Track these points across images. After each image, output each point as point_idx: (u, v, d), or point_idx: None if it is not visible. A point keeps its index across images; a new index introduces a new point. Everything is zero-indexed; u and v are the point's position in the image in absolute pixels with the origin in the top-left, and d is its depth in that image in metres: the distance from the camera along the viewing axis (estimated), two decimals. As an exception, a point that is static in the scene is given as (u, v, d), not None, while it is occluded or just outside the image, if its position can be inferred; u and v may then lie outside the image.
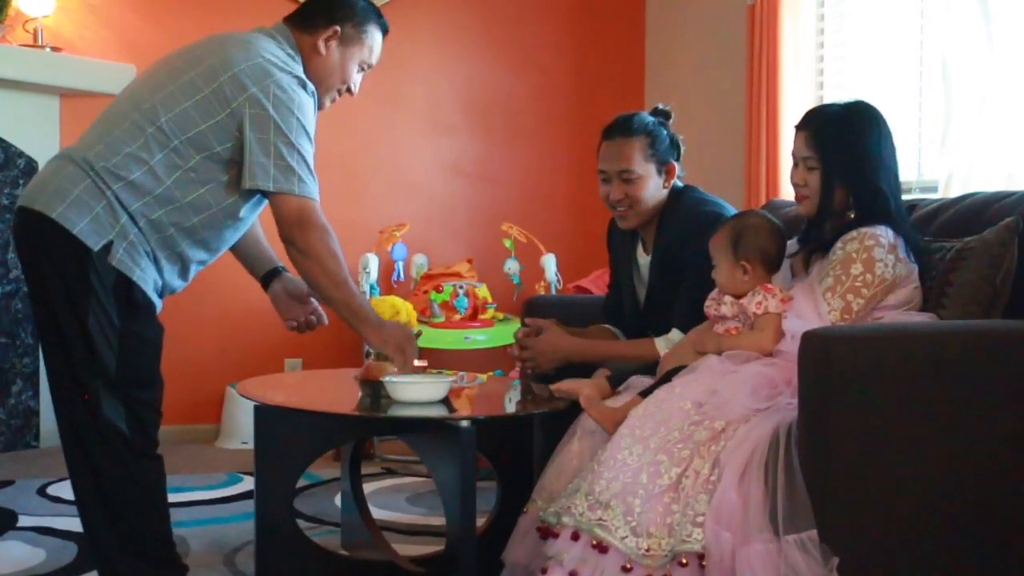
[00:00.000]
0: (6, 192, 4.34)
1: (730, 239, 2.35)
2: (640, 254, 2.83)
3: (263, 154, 2.29)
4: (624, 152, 2.67)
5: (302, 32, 2.48)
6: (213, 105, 2.30)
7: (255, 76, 2.31)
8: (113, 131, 2.32)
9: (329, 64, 2.50)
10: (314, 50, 2.48)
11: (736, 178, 4.44)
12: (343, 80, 2.54)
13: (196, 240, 2.37)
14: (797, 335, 2.10)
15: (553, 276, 4.65)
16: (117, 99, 2.43)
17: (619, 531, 2.03)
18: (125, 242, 2.27)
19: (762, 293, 2.28)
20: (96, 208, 2.25)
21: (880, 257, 2.23)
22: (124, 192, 2.27)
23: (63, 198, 2.25)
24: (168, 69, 2.38)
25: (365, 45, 2.54)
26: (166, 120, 2.29)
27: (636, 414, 2.17)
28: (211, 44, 2.41)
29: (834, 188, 2.31)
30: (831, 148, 2.32)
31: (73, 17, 4.47)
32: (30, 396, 4.42)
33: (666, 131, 2.73)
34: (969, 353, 2.08)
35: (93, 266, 2.24)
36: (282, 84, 2.33)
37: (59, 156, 2.37)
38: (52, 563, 2.91)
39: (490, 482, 2.80)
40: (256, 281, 2.74)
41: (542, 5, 5.29)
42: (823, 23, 4.30)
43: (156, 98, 2.32)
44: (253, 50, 2.36)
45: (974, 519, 2.05)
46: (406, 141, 5.01)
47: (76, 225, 2.23)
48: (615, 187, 2.69)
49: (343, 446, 3.02)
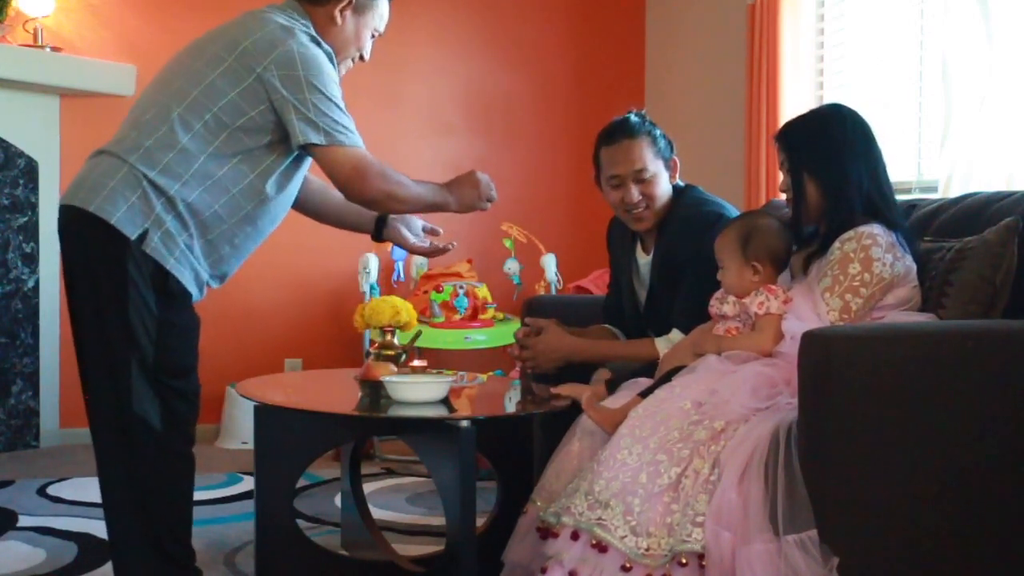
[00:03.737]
0: (6, 192, 4.34)
1: (739, 239, 2.34)
2: (640, 254, 2.82)
3: (306, 111, 2.31)
4: (634, 152, 2.66)
5: (315, 5, 2.50)
6: (239, 72, 2.32)
7: (275, 39, 2.33)
8: (142, 118, 2.34)
9: (346, 33, 2.52)
10: (330, 20, 2.49)
11: (736, 178, 4.44)
12: (358, 48, 2.57)
13: (242, 217, 2.38)
14: (797, 335, 2.10)
15: (553, 276, 4.65)
16: (144, 92, 2.45)
17: (618, 530, 2.03)
18: (160, 231, 2.28)
19: (764, 293, 2.28)
20: (132, 197, 2.27)
21: (878, 256, 2.23)
22: (161, 178, 2.29)
23: (100, 191, 2.27)
24: (191, 53, 2.41)
25: (376, 12, 2.57)
26: (196, 95, 2.31)
27: (636, 414, 2.17)
28: (227, 23, 2.45)
29: (804, 184, 2.34)
30: (796, 145, 2.37)
31: (73, 17, 4.47)
32: (30, 396, 4.42)
33: (658, 129, 2.74)
34: (969, 353, 2.08)
35: (131, 255, 2.25)
36: (303, 42, 2.36)
37: (96, 152, 2.39)
38: (52, 563, 2.91)
39: (490, 482, 2.80)
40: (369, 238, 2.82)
41: (542, 5, 5.29)
42: (823, 23, 4.30)
43: (182, 78, 2.35)
44: (267, 19, 2.39)
45: (974, 519, 2.05)
46: (406, 141, 5.01)
47: (113, 215, 2.25)
48: (631, 189, 2.66)
49: (343, 446, 3.01)
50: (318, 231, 2.86)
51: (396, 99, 4.99)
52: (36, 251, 4.42)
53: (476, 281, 4.65)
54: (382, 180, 2.38)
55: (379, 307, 2.71)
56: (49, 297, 4.43)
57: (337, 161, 2.35)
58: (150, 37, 4.56)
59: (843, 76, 4.22)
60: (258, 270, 3.14)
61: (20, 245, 4.39)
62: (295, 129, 2.31)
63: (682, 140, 2.90)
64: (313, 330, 4.90)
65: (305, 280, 4.91)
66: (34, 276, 4.43)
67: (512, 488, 2.64)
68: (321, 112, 2.32)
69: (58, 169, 4.43)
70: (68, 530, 3.20)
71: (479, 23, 5.19)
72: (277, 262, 4.55)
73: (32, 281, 4.42)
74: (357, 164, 2.36)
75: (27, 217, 4.40)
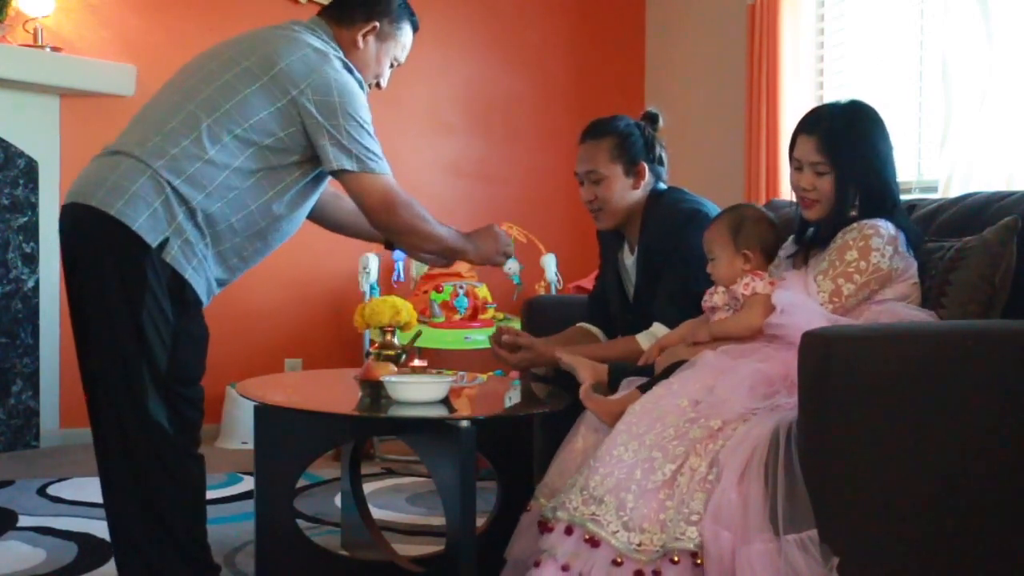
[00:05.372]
0: (6, 192, 4.34)
1: (730, 229, 2.38)
2: (626, 255, 2.87)
3: (340, 137, 2.34)
4: (590, 154, 2.75)
5: (340, 26, 2.53)
6: (274, 92, 2.33)
7: (311, 65, 2.35)
8: (167, 123, 2.32)
9: (366, 58, 2.55)
10: (352, 44, 2.52)
11: (736, 178, 4.44)
12: (376, 75, 2.60)
13: (255, 232, 2.40)
14: (787, 307, 2.14)
15: (553, 276, 4.65)
16: (162, 93, 2.43)
17: (611, 526, 2.03)
18: (180, 239, 2.28)
19: (750, 276, 2.32)
20: (155, 204, 2.26)
21: (877, 247, 2.23)
22: (185, 187, 2.28)
23: (121, 194, 2.25)
24: (219, 61, 2.40)
25: (399, 42, 2.61)
26: (228, 108, 2.31)
27: (633, 411, 2.18)
28: (258, 38, 2.44)
29: (849, 191, 2.30)
30: (843, 152, 2.30)
31: (73, 17, 4.47)
32: (30, 396, 4.42)
33: (642, 133, 2.76)
34: (969, 353, 2.08)
35: (151, 262, 2.25)
36: (338, 68, 2.40)
37: (110, 152, 2.35)
38: (52, 563, 2.91)
39: (490, 482, 2.80)
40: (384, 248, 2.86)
41: (542, 5, 5.29)
42: (823, 23, 4.30)
43: (212, 88, 2.34)
44: (301, 41, 2.41)
45: (974, 519, 2.05)
46: (406, 141, 5.01)
47: (135, 221, 2.24)
48: (586, 188, 2.77)
49: (343, 446, 3.01)
50: (318, 231, 2.86)
51: (396, 99, 4.99)
52: (36, 251, 4.42)
53: (476, 281, 4.65)
54: (408, 211, 2.45)
55: (379, 307, 2.71)
56: (49, 297, 4.43)
57: (366, 188, 2.40)
58: (150, 37, 4.56)
59: (843, 76, 4.22)
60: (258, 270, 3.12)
61: (20, 245, 4.39)
62: (328, 154, 2.35)
63: (682, 140, 2.91)
64: (313, 330, 4.90)
65: (305, 280, 4.91)
66: (34, 276, 4.43)
67: (512, 488, 2.64)
68: (353, 139, 2.35)
69: (58, 169, 4.43)
70: (68, 530, 3.20)
71: (479, 23, 5.19)
72: (277, 262, 4.51)
73: (32, 281, 4.43)
74: (386, 192, 2.42)
75: (27, 217, 4.40)
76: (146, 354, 2.25)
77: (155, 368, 2.26)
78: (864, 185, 2.31)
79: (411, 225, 2.46)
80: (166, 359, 2.28)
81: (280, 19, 2.57)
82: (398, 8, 2.59)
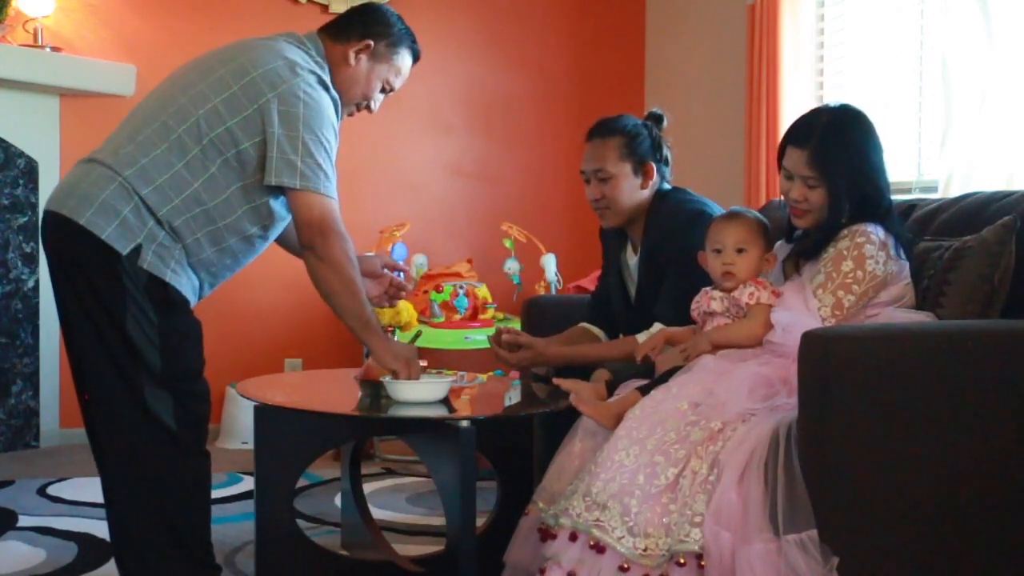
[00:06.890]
0: (6, 192, 4.34)
1: (764, 229, 2.39)
2: (629, 255, 2.87)
3: (291, 151, 2.28)
4: (599, 152, 2.75)
5: (334, 42, 2.50)
6: (241, 101, 2.30)
7: (283, 75, 2.32)
8: (141, 132, 2.31)
9: (355, 75, 2.50)
10: (343, 60, 2.49)
11: (736, 178, 4.44)
12: (364, 95, 2.55)
13: (221, 249, 2.36)
14: (786, 327, 2.13)
15: (553, 276, 4.65)
16: (144, 102, 2.42)
17: (616, 531, 2.03)
18: (154, 244, 2.26)
19: (754, 286, 2.31)
20: (124, 212, 2.24)
21: (871, 254, 2.23)
22: (152, 196, 2.26)
23: (90, 203, 2.24)
24: (199, 70, 2.38)
25: (393, 65, 2.56)
26: (197, 118, 2.29)
27: (633, 415, 2.17)
28: (240, 46, 2.43)
29: (841, 203, 2.29)
30: (835, 166, 2.28)
31: (73, 17, 4.47)
32: (30, 396, 4.42)
33: (649, 133, 2.76)
34: (969, 353, 2.08)
35: (124, 269, 2.23)
36: (310, 82, 2.35)
37: (86, 160, 2.36)
38: (52, 563, 2.91)
39: (490, 482, 2.80)
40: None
41: (542, 5, 5.29)
42: (823, 23, 4.30)
43: (186, 97, 2.33)
44: (279, 51, 2.38)
45: (974, 518, 2.05)
46: (406, 141, 5.01)
47: (104, 230, 2.23)
48: (593, 187, 2.77)
49: (343, 446, 3.02)
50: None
51: (396, 99, 4.93)
52: (36, 251, 4.42)
53: (476, 281, 4.65)
54: (341, 245, 2.34)
55: (379, 307, 2.71)
56: (49, 297, 4.38)
57: (307, 204, 2.32)
58: (150, 37, 4.56)
59: (843, 76, 4.22)
60: (258, 270, 3.13)
61: (20, 245, 4.39)
62: (271, 165, 2.29)
63: (682, 140, 2.91)
64: (313, 330, 4.90)
65: (305, 280, 4.83)
66: (34, 276, 4.43)
67: (512, 488, 2.64)
68: (309, 153, 2.29)
69: (58, 169, 4.43)
70: (68, 530, 3.20)
71: (479, 23, 5.19)
72: (277, 262, 4.51)
73: (32, 281, 4.43)
74: (326, 215, 2.33)
75: (27, 217, 4.40)
76: (138, 356, 2.24)
77: (150, 368, 2.25)
78: (857, 195, 2.29)
79: (338, 260, 2.34)
80: (159, 358, 2.26)
81: (280, 19, 2.58)
82: (398, 32, 2.55)
